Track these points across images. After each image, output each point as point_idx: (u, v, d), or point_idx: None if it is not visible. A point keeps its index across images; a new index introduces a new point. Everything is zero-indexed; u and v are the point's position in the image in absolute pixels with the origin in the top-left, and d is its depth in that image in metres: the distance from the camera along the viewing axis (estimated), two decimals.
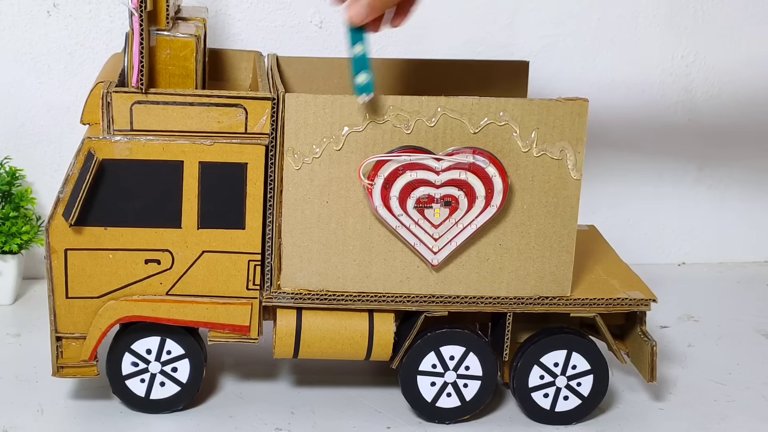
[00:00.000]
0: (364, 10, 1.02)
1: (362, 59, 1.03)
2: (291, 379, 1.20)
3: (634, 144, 1.53)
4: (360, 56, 1.03)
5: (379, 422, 1.13)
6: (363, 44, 1.03)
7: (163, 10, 1.05)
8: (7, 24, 1.37)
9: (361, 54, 1.03)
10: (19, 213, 1.35)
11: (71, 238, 1.05)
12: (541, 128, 1.05)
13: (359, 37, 1.03)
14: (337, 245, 1.07)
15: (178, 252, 1.06)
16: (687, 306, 1.45)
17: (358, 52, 1.03)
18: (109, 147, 1.03)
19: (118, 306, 1.07)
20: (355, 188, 1.05)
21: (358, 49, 1.03)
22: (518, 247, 1.08)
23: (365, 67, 1.03)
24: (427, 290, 1.09)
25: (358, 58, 1.03)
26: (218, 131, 1.04)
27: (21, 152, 1.41)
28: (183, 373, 1.11)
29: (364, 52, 1.03)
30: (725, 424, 1.15)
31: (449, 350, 1.11)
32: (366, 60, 1.03)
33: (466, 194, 1.04)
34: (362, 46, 1.03)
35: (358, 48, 1.03)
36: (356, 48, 1.03)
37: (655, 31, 1.50)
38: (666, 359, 1.28)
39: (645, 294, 1.12)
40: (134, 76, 1.02)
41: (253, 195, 1.05)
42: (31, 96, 1.40)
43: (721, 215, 1.58)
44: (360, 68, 1.03)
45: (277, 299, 1.08)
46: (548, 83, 1.47)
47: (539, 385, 1.12)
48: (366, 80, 1.03)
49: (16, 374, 1.18)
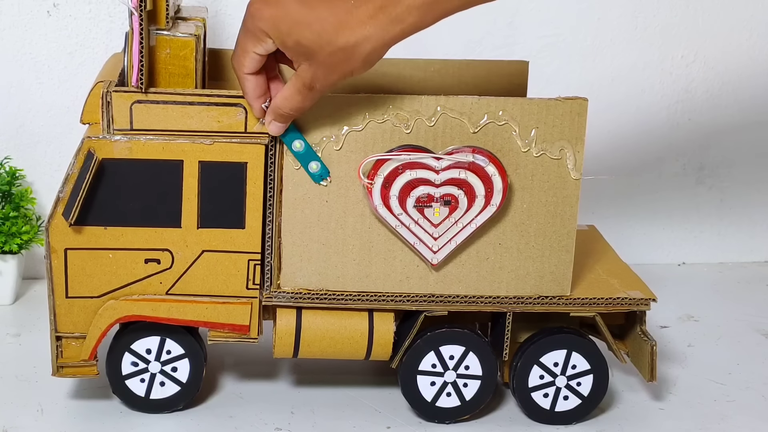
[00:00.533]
0: (278, 127, 1.02)
1: (306, 152, 1.04)
2: (291, 379, 1.20)
3: (633, 144, 1.53)
4: (302, 151, 1.04)
5: (379, 422, 1.12)
6: (300, 139, 1.04)
7: (163, 10, 1.05)
8: (7, 24, 1.37)
9: (302, 149, 1.04)
10: (19, 213, 1.35)
11: (71, 237, 1.05)
12: (541, 127, 1.05)
13: (294, 135, 1.03)
14: (336, 245, 1.07)
15: (178, 251, 1.06)
16: (687, 306, 1.44)
17: (299, 148, 1.03)
18: (109, 146, 1.03)
19: (118, 305, 1.07)
20: (355, 188, 1.05)
21: (297, 145, 1.03)
22: (518, 246, 1.08)
23: (312, 156, 1.04)
24: (427, 290, 1.09)
25: (302, 153, 1.04)
26: (218, 131, 1.04)
27: (21, 152, 1.41)
28: (183, 373, 1.11)
29: (304, 145, 1.04)
30: (725, 424, 1.15)
31: (449, 350, 1.11)
32: (310, 150, 1.03)
33: (465, 193, 1.04)
34: (300, 141, 1.03)
35: (297, 144, 1.03)
36: (295, 144, 1.03)
37: (655, 31, 1.49)
38: (666, 359, 1.28)
39: (645, 294, 1.12)
40: (134, 75, 1.02)
41: (253, 194, 1.05)
42: (31, 96, 1.40)
43: (721, 215, 1.58)
44: (308, 160, 1.04)
45: (276, 299, 1.08)
46: (548, 83, 1.47)
47: (539, 384, 1.12)
48: (318, 168, 1.04)
49: (16, 374, 1.18)
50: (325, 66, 0.96)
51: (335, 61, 0.95)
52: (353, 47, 0.94)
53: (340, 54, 0.95)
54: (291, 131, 1.03)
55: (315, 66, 0.96)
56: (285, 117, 1.02)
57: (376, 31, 0.94)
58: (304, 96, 0.99)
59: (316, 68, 0.96)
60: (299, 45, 0.96)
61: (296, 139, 1.03)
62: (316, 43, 0.95)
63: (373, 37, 0.94)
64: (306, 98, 0.99)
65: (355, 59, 0.95)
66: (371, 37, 0.94)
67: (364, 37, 0.94)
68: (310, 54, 0.96)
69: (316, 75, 0.97)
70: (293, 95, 0.99)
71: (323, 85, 0.98)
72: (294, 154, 1.04)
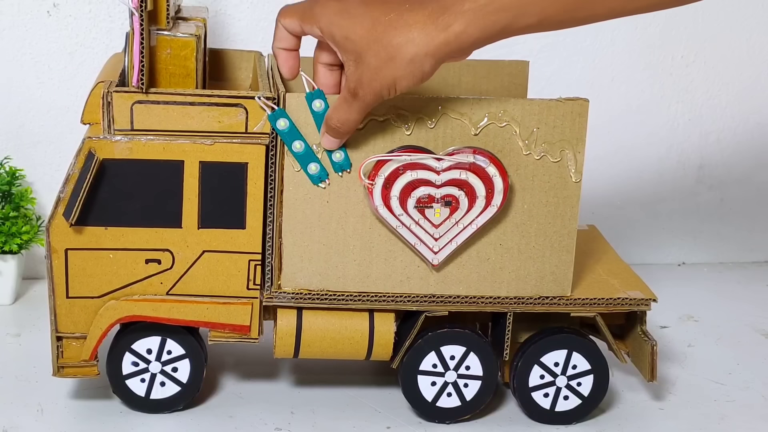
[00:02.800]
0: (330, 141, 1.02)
1: (306, 153, 1.04)
2: (291, 379, 1.20)
3: (634, 144, 1.53)
4: (302, 152, 1.04)
5: (379, 422, 1.12)
6: (300, 140, 1.03)
7: (164, 10, 1.05)
8: (7, 24, 1.37)
9: (302, 150, 1.03)
10: (19, 213, 1.35)
11: (72, 237, 1.05)
12: (542, 128, 1.05)
13: (294, 136, 1.03)
14: (337, 245, 1.07)
15: (179, 252, 1.06)
16: (687, 306, 1.45)
17: (299, 149, 1.03)
18: (110, 147, 1.03)
19: (119, 306, 1.07)
20: (356, 188, 1.05)
21: (297, 146, 1.03)
22: (519, 246, 1.08)
23: (311, 158, 1.04)
24: (428, 290, 1.09)
25: (301, 154, 1.04)
26: (219, 131, 1.04)
27: (21, 152, 1.41)
28: (183, 373, 1.11)
29: (304, 146, 1.03)
30: (725, 424, 1.16)
31: (450, 350, 1.11)
32: (310, 152, 1.03)
33: (466, 194, 1.04)
34: (300, 142, 1.03)
35: (297, 145, 1.03)
36: (295, 145, 1.03)
37: (655, 31, 1.50)
38: (666, 359, 1.28)
39: (645, 294, 1.12)
40: (135, 75, 1.02)
41: (254, 195, 1.05)
42: (31, 96, 1.40)
43: (721, 215, 1.59)
44: (307, 161, 1.04)
45: (277, 299, 1.08)
46: (548, 83, 1.47)
47: (539, 384, 1.12)
48: (317, 169, 1.04)
49: (16, 374, 1.18)
50: (370, 69, 0.95)
51: (379, 63, 0.94)
52: (397, 47, 0.94)
53: (383, 53, 0.94)
54: (292, 131, 1.03)
55: (361, 68, 0.96)
56: (335, 131, 1.01)
57: (421, 35, 0.93)
58: (349, 105, 0.98)
59: (361, 71, 0.96)
60: (347, 40, 0.96)
61: (296, 139, 1.03)
62: (363, 40, 0.95)
63: (417, 41, 0.93)
64: (351, 108, 0.98)
65: (399, 62, 0.94)
66: (415, 40, 0.93)
67: (409, 39, 0.93)
68: (358, 53, 0.95)
69: (360, 79, 0.96)
70: (340, 105, 0.99)
71: (366, 92, 0.96)
72: (294, 155, 1.04)
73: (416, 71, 0.95)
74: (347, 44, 0.96)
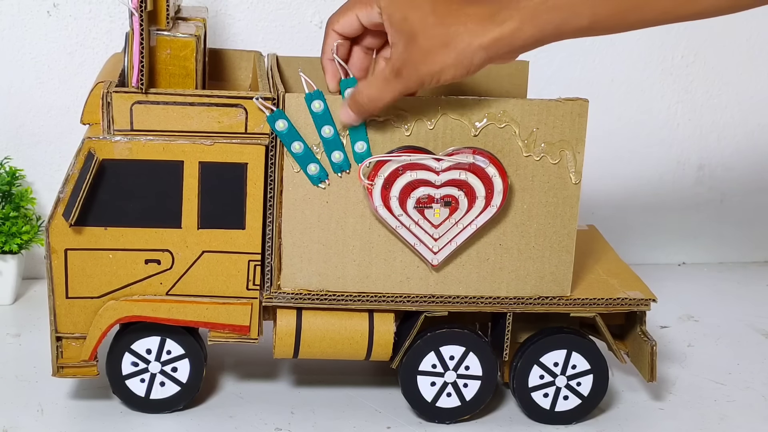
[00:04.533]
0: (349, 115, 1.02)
1: (305, 154, 1.04)
2: (291, 379, 1.20)
3: (633, 144, 1.53)
4: (301, 153, 1.04)
5: (379, 422, 1.13)
6: (299, 140, 1.03)
7: (163, 10, 1.05)
8: (7, 24, 1.37)
9: (301, 151, 1.04)
10: (19, 213, 1.35)
11: (71, 238, 1.05)
12: (542, 128, 1.05)
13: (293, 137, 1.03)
14: (337, 245, 1.07)
15: (178, 252, 1.06)
16: (687, 306, 1.45)
17: (298, 150, 1.03)
18: (110, 147, 1.03)
19: (119, 306, 1.07)
20: (356, 188, 1.05)
21: (297, 146, 1.03)
22: (518, 247, 1.08)
23: (310, 158, 1.04)
24: (427, 290, 1.09)
25: (300, 155, 1.04)
26: (218, 131, 1.04)
27: (21, 152, 1.41)
28: (183, 373, 1.11)
29: (304, 147, 1.03)
30: (725, 424, 1.16)
31: (449, 350, 1.11)
32: (309, 152, 1.03)
33: (466, 194, 1.04)
34: (300, 143, 1.03)
35: (296, 146, 1.03)
36: (294, 146, 1.03)
37: (655, 32, 1.49)
38: (666, 359, 1.28)
39: (645, 294, 1.12)
40: (134, 76, 1.02)
41: (253, 195, 1.05)
42: (31, 96, 1.40)
43: (721, 215, 1.59)
44: (306, 162, 1.04)
45: (277, 299, 1.08)
46: (548, 83, 1.47)
47: (539, 384, 1.12)
48: (316, 170, 1.04)
49: (16, 374, 1.18)
50: (421, 51, 0.95)
51: (431, 47, 0.95)
52: (453, 35, 0.94)
53: (437, 39, 0.94)
54: (291, 132, 1.03)
55: (411, 49, 0.96)
56: (359, 106, 1.00)
57: (478, 27, 0.94)
58: (388, 83, 0.98)
59: (411, 52, 0.96)
60: (405, 21, 0.96)
61: (295, 140, 1.03)
62: (421, 23, 0.95)
63: (474, 32, 0.94)
64: (388, 86, 0.98)
65: (451, 49, 0.94)
66: (472, 31, 0.94)
67: (466, 29, 0.94)
68: (411, 34, 0.96)
69: (408, 60, 0.96)
70: (375, 82, 0.99)
71: (410, 74, 0.96)
72: (293, 156, 1.04)
73: (466, 62, 0.95)
74: (403, 25, 0.96)
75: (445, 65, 0.95)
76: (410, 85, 0.97)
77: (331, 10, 1.41)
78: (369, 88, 0.99)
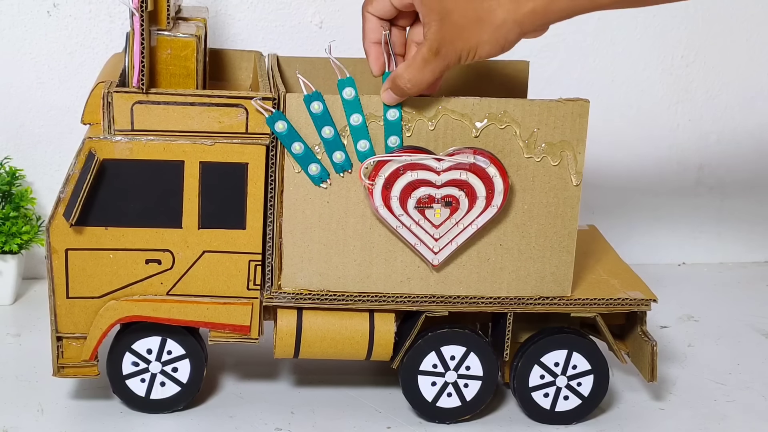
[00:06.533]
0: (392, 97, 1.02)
1: (305, 154, 1.04)
2: (291, 379, 1.20)
3: (634, 144, 1.53)
4: (302, 153, 1.04)
5: (379, 422, 1.13)
6: (300, 141, 1.03)
7: (164, 10, 1.05)
8: (7, 24, 1.37)
9: (301, 151, 1.04)
10: (19, 213, 1.35)
11: (72, 238, 1.05)
12: (542, 129, 1.05)
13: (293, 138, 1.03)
14: (337, 245, 1.07)
15: (179, 252, 1.06)
16: (687, 306, 1.45)
17: (298, 150, 1.04)
18: (110, 147, 1.03)
19: (119, 306, 1.07)
20: (356, 188, 1.05)
21: (297, 147, 1.03)
22: (519, 247, 1.08)
23: (311, 159, 1.04)
24: (428, 290, 1.09)
25: (301, 155, 1.04)
26: (219, 131, 1.04)
27: (21, 152, 1.41)
28: (183, 373, 1.11)
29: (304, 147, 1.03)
30: (725, 424, 1.16)
31: (450, 350, 1.11)
32: (309, 153, 1.04)
33: (466, 194, 1.04)
34: (300, 144, 1.03)
35: (296, 146, 1.03)
36: (294, 147, 1.03)
37: (655, 31, 1.50)
38: (666, 359, 1.28)
39: (645, 294, 1.12)
40: (135, 76, 1.02)
41: (254, 195, 1.05)
42: (31, 96, 1.40)
43: (721, 215, 1.59)
44: (307, 162, 1.04)
45: (277, 299, 1.08)
46: (548, 83, 1.47)
47: (539, 384, 1.12)
48: (317, 170, 1.04)
49: (16, 374, 1.18)
50: (456, 28, 0.95)
51: (466, 23, 0.95)
52: (488, 10, 0.94)
53: (472, 14, 0.95)
54: (291, 133, 1.03)
55: (446, 27, 0.96)
56: (401, 90, 1.01)
57: (512, 3, 0.94)
58: (427, 62, 0.98)
59: (446, 30, 0.96)
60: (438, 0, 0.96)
61: (295, 141, 1.03)
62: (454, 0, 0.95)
63: (508, 7, 0.94)
64: (428, 66, 0.98)
65: (487, 25, 0.95)
66: (506, 5, 0.94)
67: (500, 3, 0.94)
68: (446, 12, 0.96)
69: (444, 38, 0.96)
70: (415, 62, 0.98)
71: (448, 52, 0.96)
72: (293, 157, 1.04)
73: (500, 38, 0.96)
74: (436, 3, 0.96)
75: (481, 41, 0.96)
76: (450, 62, 0.98)
77: (332, 10, 1.42)
78: (410, 71, 0.99)
